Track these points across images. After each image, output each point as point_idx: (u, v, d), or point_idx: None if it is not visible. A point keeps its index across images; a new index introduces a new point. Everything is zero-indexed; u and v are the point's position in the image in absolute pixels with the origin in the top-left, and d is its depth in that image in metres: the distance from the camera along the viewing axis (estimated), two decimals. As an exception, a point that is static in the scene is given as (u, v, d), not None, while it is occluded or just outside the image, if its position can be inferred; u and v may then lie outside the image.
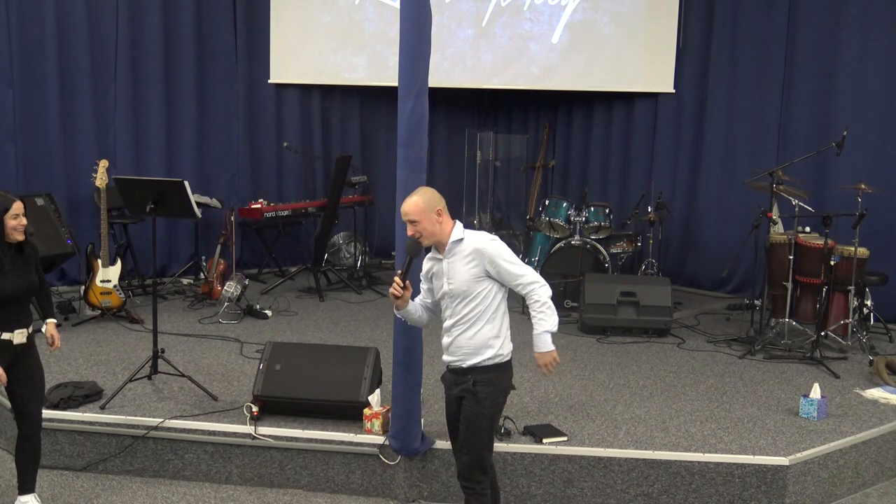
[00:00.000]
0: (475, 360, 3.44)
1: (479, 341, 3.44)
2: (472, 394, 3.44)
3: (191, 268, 8.21)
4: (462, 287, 3.42)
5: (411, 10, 3.98)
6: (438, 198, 3.46)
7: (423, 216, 3.39)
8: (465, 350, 3.45)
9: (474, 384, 3.43)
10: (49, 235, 6.59)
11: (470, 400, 3.45)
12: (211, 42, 8.41)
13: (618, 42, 8.59)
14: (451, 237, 3.44)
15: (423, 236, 3.42)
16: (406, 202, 3.44)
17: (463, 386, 3.46)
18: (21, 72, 7.33)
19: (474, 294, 3.42)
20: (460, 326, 3.45)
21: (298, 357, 4.75)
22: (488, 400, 3.44)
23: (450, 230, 3.45)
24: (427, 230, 3.41)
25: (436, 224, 3.41)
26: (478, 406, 3.43)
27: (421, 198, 3.42)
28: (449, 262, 3.45)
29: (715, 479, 4.19)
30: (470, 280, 3.41)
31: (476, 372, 3.44)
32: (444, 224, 3.44)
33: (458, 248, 3.44)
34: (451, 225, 3.46)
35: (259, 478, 4.40)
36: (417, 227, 3.40)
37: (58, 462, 4.49)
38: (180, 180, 5.24)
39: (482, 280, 3.41)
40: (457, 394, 3.51)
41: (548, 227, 7.70)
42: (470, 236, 3.46)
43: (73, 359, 5.54)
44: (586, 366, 5.78)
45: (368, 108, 9.42)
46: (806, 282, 6.30)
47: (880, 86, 7.17)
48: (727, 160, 8.13)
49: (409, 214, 3.41)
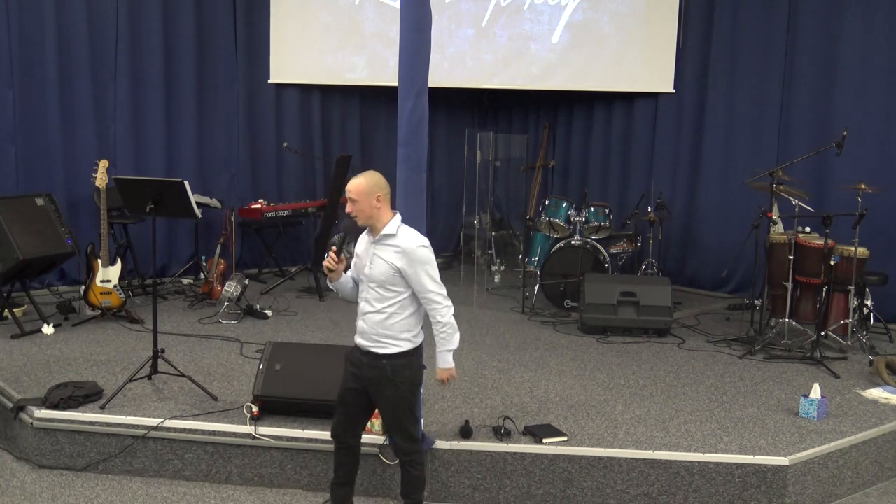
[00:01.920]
0: (391, 350, 3.62)
1: (394, 331, 3.61)
2: (390, 380, 3.63)
3: (191, 268, 8.22)
4: (380, 277, 3.59)
5: (411, 10, 3.99)
6: (383, 184, 3.60)
7: (362, 197, 3.54)
8: (380, 338, 3.63)
9: (392, 371, 3.62)
10: (49, 235, 6.59)
11: (388, 385, 3.64)
12: (211, 42, 8.41)
13: (618, 42, 8.59)
14: (385, 228, 3.59)
15: (357, 216, 3.59)
16: (351, 181, 3.60)
17: (378, 371, 3.63)
18: (21, 72, 7.33)
19: (390, 286, 3.59)
20: (376, 315, 3.62)
21: (298, 357, 4.75)
22: (406, 383, 3.66)
23: (386, 220, 3.60)
24: (363, 211, 3.56)
25: (373, 208, 3.56)
26: (397, 390, 3.65)
27: (365, 180, 3.57)
28: (375, 251, 3.61)
29: (715, 479, 4.19)
30: (389, 273, 3.57)
31: (392, 359, 3.63)
32: (381, 211, 3.58)
33: (389, 241, 3.59)
34: (389, 215, 3.62)
35: (259, 478, 4.40)
36: (355, 207, 3.56)
37: (58, 462, 4.49)
38: (180, 180, 5.24)
39: (398, 277, 3.58)
40: (370, 376, 3.66)
41: (548, 227, 7.70)
42: (404, 234, 3.60)
43: (73, 359, 5.53)
44: (586, 366, 5.78)
45: (368, 108, 9.42)
46: (806, 282, 6.30)
47: (880, 86, 7.18)
48: (727, 160, 8.13)
49: (350, 192, 3.57)
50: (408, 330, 3.64)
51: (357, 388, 3.73)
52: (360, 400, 3.76)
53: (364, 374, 3.69)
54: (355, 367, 3.74)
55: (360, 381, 3.72)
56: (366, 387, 3.71)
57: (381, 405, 3.74)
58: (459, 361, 5.72)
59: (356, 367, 3.73)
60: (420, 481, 3.85)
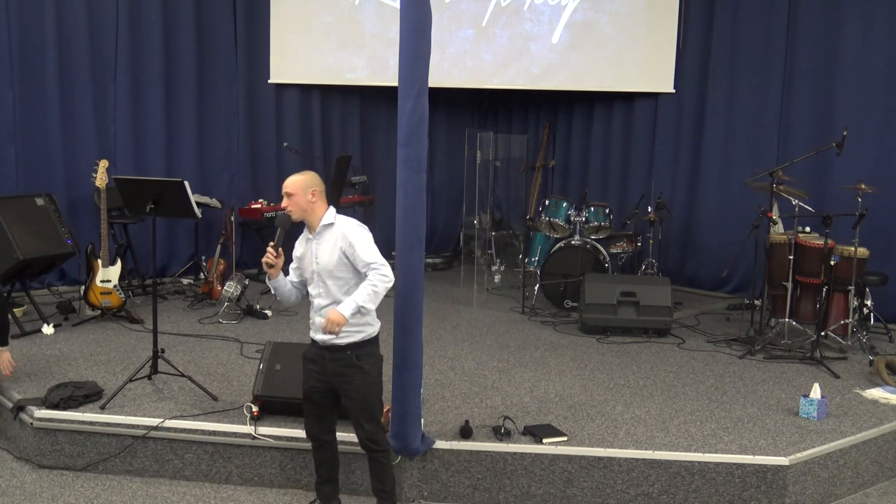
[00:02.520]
0: (354, 338, 3.70)
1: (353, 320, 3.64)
2: (358, 368, 3.71)
3: (191, 268, 8.22)
4: (328, 266, 3.69)
5: (411, 10, 3.99)
6: (318, 182, 3.78)
7: (298, 191, 3.70)
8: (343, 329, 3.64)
9: (358, 359, 3.71)
10: (49, 235, 6.60)
11: (356, 374, 3.72)
12: (211, 42, 8.41)
13: (618, 42, 8.59)
14: (323, 219, 3.73)
15: (293, 211, 3.72)
16: (289, 178, 3.76)
17: (343, 361, 3.70)
18: (21, 72, 7.33)
19: (341, 274, 3.69)
20: (332, 306, 3.67)
21: (298, 357, 4.72)
22: (374, 370, 3.78)
23: (321, 214, 3.75)
24: (298, 206, 3.71)
25: (308, 203, 3.71)
26: (366, 377, 3.74)
27: (302, 177, 3.75)
28: (317, 243, 3.74)
29: (715, 479, 4.19)
30: (335, 261, 3.68)
31: (356, 347, 3.71)
32: (315, 205, 3.73)
33: (328, 231, 3.73)
34: (323, 209, 3.76)
35: (259, 478, 4.40)
36: (290, 201, 3.71)
37: (58, 462, 4.49)
38: (180, 180, 5.25)
39: (345, 261, 3.68)
40: (334, 369, 3.72)
41: (548, 227, 7.70)
42: (341, 221, 3.75)
43: (73, 359, 5.54)
44: (586, 366, 5.78)
45: (368, 108, 9.42)
46: (806, 282, 6.30)
47: (880, 85, 7.18)
48: (727, 160, 8.13)
49: (287, 187, 3.72)
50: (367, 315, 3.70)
51: (322, 387, 3.80)
52: (326, 396, 3.82)
53: (327, 369, 3.74)
54: (316, 364, 3.79)
55: (323, 377, 3.78)
56: (330, 381, 3.76)
57: (349, 395, 3.75)
58: (459, 361, 5.76)
59: (317, 364, 3.79)
60: (391, 473, 3.88)
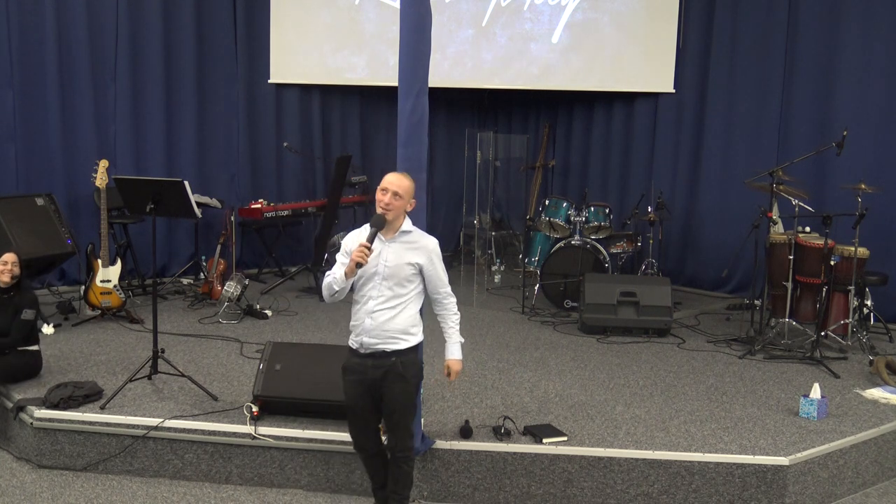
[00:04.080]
0: (401, 346, 3.66)
1: (404, 326, 3.66)
2: (400, 375, 3.65)
3: (191, 268, 8.22)
4: (399, 273, 3.64)
5: (411, 10, 3.99)
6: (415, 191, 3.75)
7: (407, 196, 3.63)
8: (390, 334, 3.63)
9: (402, 366, 3.65)
10: (49, 235, 6.59)
11: (397, 381, 3.66)
12: (211, 42, 8.41)
13: (618, 42, 8.59)
14: (403, 225, 3.69)
15: (393, 211, 3.60)
16: (397, 176, 3.63)
17: (386, 369, 3.64)
18: (21, 72, 7.33)
19: (406, 283, 3.66)
20: (387, 312, 3.63)
21: (298, 357, 4.75)
22: (415, 378, 3.74)
23: (403, 219, 3.71)
24: (399, 209, 3.62)
25: (406, 208, 3.66)
26: (407, 385, 3.68)
27: (410, 182, 3.66)
28: (391, 246, 3.65)
29: (715, 479, 4.19)
30: (406, 268, 3.64)
31: (400, 354, 3.66)
32: (406, 212, 3.70)
33: (405, 238, 3.68)
34: (405, 215, 3.73)
35: (259, 478, 4.40)
36: (395, 202, 3.58)
37: (58, 462, 4.49)
38: (180, 180, 5.24)
39: (415, 272, 3.66)
40: (377, 377, 3.65)
41: (548, 227, 7.70)
42: (419, 232, 3.74)
43: (73, 359, 5.53)
44: (586, 366, 5.78)
45: (368, 108, 9.43)
46: (806, 282, 6.30)
47: (880, 85, 7.18)
48: (727, 160, 8.13)
49: (394, 187, 3.59)
50: (416, 325, 3.70)
51: (364, 397, 3.69)
52: (370, 407, 3.72)
53: (368, 376, 3.65)
54: (357, 374, 3.68)
55: (363, 386, 3.66)
56: (369, 389, 3.67)
57: (388, 402, 3.68)
58: (459, 361, 5.75)
59: (358, 374, 3.67)
60: (410, 478, 3.87)
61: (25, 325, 5.00)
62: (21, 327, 4.97)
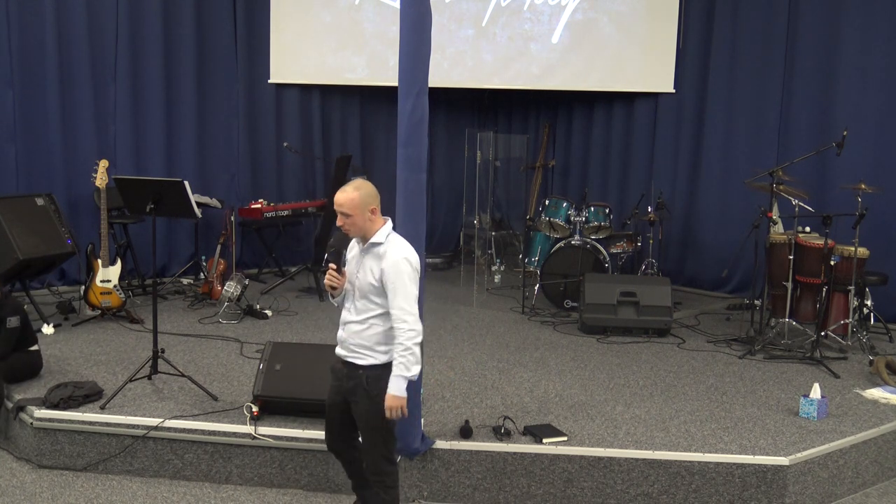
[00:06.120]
0: (369, 361, 3.52)
1: (370, 343, 3.51)
2: (366, 391, 3.50)
3: (191, 268, 8.21)
4: (364, 287, 3.49)
5: (411, 10, 3.99)
6: (374, 195, 3.49)
7: (356, 211, 3.42)
8: (357, 348, 3.53)
9: (367, 382, 3.50)
10: (49, 235, 6.59)
11: (363, 398, 3.52)
12: (211, 42, 8.41)
13: (618, 42, 8.59)
14: (374, 236, 3.48)
15: (350, 230, 3.48)
16: (342, 194, 3.44)
17: (355, 382, 3.53)
18: (21, 72, 7.32)
19: (372, 297, 3.48)
20: (356, 325, 3.52)
21: (298, 357, 4.75)
22: (381, 395, 3.46)
23: (377, 228, 3.49)
24: (357, 225, 3.45)
25: (367, 221, 3.46)
26: (372, 403, 3.49)
27: (358, 193, 3.43)
28: (363, 258, 3.52)
29: (715, 479, 4.19)
30: (371, 283, 3.47)
31: (368, 370, 3.51)
32: (374, 222, 3.48)
33: (374, 250, 3.49)
34: (380, 223, 3.51)
35: (259, 478, 4.40)
36: (347, 221, 3.44)
37: (58, 462, 4.49)
38: (180, 180, 5.24)
39: (380, 288, 3.46)
40: (349, 387, 3.57)
41: (548, 227, 7.70)
42: (392, 244, 3.48)
43: (73, 359, 5.54)
44: (586, 366, 5.78)
45: (368, 108, 9.42)
46: (806, 282, 6.30)
47: (880, 85, 7.17)
48: (727, 160, 8.13)
49: (342, 207, 3.42)
50: (383, 343, 3.49)
51: (339, 401, 3.65)
52: (344, 412, 3.65)
53: (343, 385, 3.60)
54: (337, 380, 3.65)
55: (340, 393, 3.63)
56: (345, 398, 3.61)
57: (356, 419, 3.60)
58: (459, 361, 5.76)
59: (337, 380, 3.65)
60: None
61: (13, 334, 4.99)
62: (8, 336, 4.97)
